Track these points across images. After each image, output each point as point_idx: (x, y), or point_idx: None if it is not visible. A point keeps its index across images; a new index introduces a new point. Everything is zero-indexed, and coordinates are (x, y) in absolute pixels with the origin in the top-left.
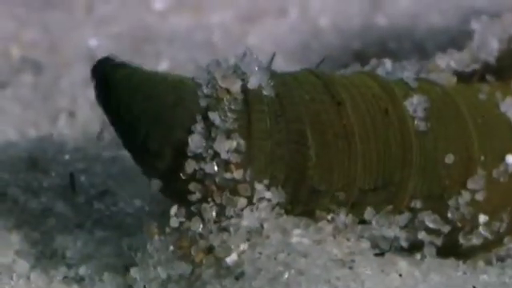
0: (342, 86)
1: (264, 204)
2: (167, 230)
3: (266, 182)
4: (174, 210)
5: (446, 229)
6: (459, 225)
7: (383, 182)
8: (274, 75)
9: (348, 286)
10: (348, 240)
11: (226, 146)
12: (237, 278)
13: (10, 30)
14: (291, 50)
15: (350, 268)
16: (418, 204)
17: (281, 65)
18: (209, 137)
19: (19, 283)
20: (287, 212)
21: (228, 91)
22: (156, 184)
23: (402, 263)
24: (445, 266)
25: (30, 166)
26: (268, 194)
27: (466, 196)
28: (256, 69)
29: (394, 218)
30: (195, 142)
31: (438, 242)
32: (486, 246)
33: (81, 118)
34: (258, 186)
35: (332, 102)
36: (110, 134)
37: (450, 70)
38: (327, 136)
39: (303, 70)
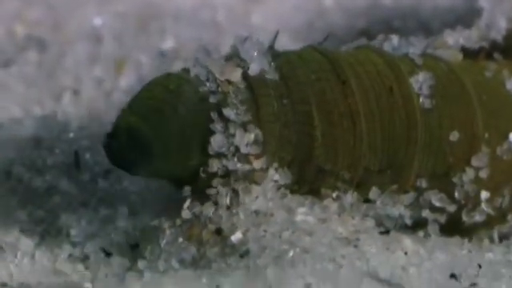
0: (347, 63)
1: (271, 185)
2: (178, 221)
3: (275, 165)
4: (187, 203)
5: (452, 208)
6: (463, 202)
7: (388, 161)
8: (277, 55)
9: (353, 264)
10: (353, 218)
11: (244, 140)
12: (242, 256)
13: (15, 8)
14: (296, 28)
15: (355, 246)
16: (423, 183)
17: (285, 44)
18: (228, 133)
19: (24, 261)
20: (293, 192)
21: (229, 82)
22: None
23: (407, 241)
24: (450, 245)
25: (35, 144)
26: (276, 176)
27: (470, 173)
28: (255, 54)
29: (399, 197)
30: (217, 141)
31: (442, 219)
32: (489, 223)
33: (85, 96)
34: (270, 171)
35: (337, 80)
36: (114, 111)
37: (457, 46)
38: (332, 115)
39: (308, 48)
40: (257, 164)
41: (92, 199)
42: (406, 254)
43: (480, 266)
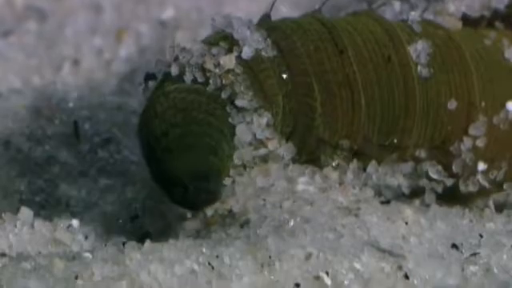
0: (345, 32)
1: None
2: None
3: (278, 137)
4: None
5: (449, 182)
6: (460, 171)
7: (387, 130)
8: (272, 29)
9: (353, 234)
10: (353, 187)
11: (260, 125)
12: (242, 226)
13: None
14: None
15: (356, 216)
16: (421, 153)
17: (285, 12)
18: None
19: (23, 231)
20: (293, 161)
21: (228, 71)
22: None
23: (408, 211)
24: (451, 214)
25: (34, 114)
26: (281, 150)
27: (467, 143)
28: (248, 34)
29: (398, 167)
30: (242, 132)
31: (439, 189)
32: (485, 192)
33: (85, 66)
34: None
35: (335, 50)
36: (113, 81)
37: (458, 14)
38: (331, 85)
39: (307, 16)
40: (271, 146)
41: (91, 169)
42: (406, 223)
43: (481, 236)
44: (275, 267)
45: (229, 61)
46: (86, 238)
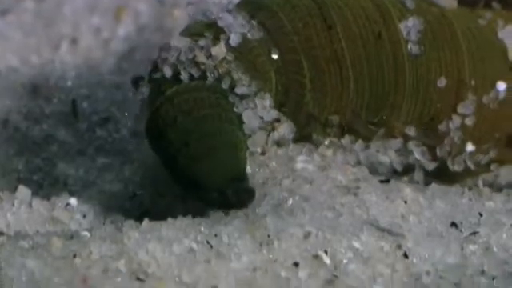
0: (335, 8)
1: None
2: None
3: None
4: None
5: (431, 165)
6: (448, 149)
7: (376, 106)
8: (259, 8)
9: (352, 213)
10: (348, 164)
11: (266, 108)
12: None
13: None
14: None
15: (355, 194)
16: (411, 130)
17: None
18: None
19: (21, 210)
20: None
21: (222, 60)
22: None
23: (407, 190)
24: (450, 193)
25: (32, 93)
26: (282, 130)
27: (456, 121)
28: (231, 19)
29: (389, 143)
30: (250, 118)
31: (430, 166)
32: (473, 172)
33: (83, 44)
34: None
35: (324, 25)
36: (112, 60)
37: None
38: (319, 61)
39: None
40: (282, 128)
41: (89, 148)
42: (405, 202)
43: (481, 215)
44: (274, 246)
45: (220, 50)
46: (84, 216)
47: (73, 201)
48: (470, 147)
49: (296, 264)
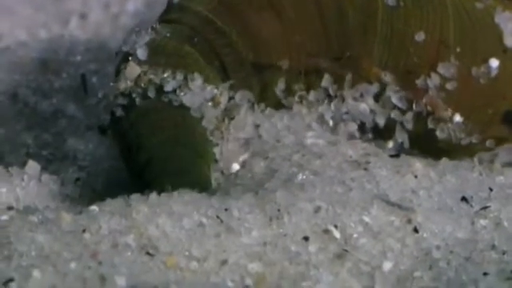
0: None
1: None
2: None
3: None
4: None
5: (415, 114)
6: (429, 109)
7: (342, 48)
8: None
9: (363, 187)
10: (331, 120)
11: (201, 87)
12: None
13: None
14: None
15: (365, 169)
16: (386, 76)
17: None
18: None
19: (30, 185)
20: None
21: (139, 76)
22: None
23: (418, 165)
24: (460, 168)
25: (41, 68)
26: (237, 99)
27: (435, 79)
28: (134, 38)
29: (365, 88)
30: (192, 102)
31: (409, 125)
32: (469, 149)
33: (92, 19)
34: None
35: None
36: (121, 35)
37: None
38: (249, 12)
39: None
40: (223, 99)
41: (98, 123)
42: (416, 177)
43: (491, 190)
44: (284, 220)
45: (132, 69)
46: (94, 191)
47: (82, 176)
48: (457, 118)
49: (306, 238)
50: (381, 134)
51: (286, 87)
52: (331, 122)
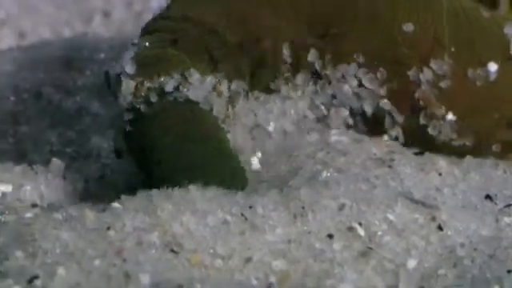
0: None
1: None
2: None
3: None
4: None
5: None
6: (422, 104)
7: (323, 27)
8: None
9: (387, 185)
10: (322, 104)
11: (200, 81)
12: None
13: None
14: None
15: (390, 167)
16: (373, 62)
17: None
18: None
19: (54, 182)
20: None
21: (135, 89)
22: None
23: (442, 162)
24: (484, 166)
25: (65, 65)
26: (234, 89)
27: (427, 74)
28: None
29: (344, 68)
30: (196, 96)
31: (400, 119)
32: (461, 152)
33: (116, 17)
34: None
35: None
36: None
37: None
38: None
39: None
40: (223, 88)
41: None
42: (440, 174)
43: None
44: (308, 218)
45: (127, 85)
46: (117, 189)
47: (105, 173)
48: (450, 116)
49: (330, 236)
50: (375, 127)
51: (274, 68)
52: (323, 108)
